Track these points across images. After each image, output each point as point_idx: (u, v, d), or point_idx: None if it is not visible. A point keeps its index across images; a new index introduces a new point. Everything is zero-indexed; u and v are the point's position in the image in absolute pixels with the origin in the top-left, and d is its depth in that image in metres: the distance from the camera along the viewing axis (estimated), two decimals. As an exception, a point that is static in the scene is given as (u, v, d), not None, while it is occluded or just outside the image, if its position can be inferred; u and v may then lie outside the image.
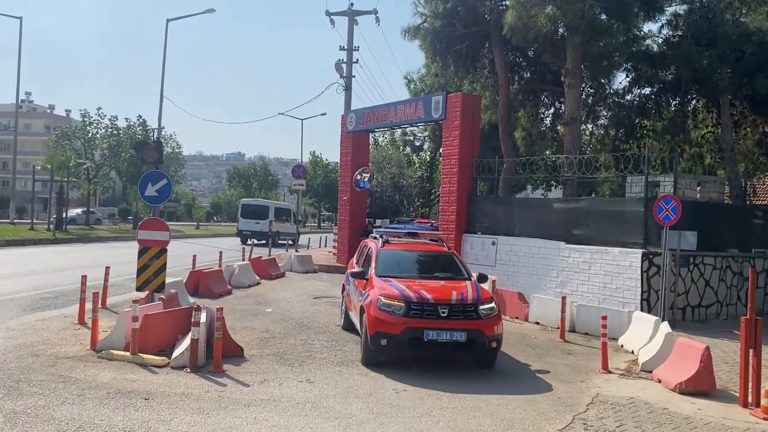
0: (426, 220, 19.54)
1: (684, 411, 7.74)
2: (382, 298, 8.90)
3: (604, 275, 14.40)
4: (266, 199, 49.95)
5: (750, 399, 7.90)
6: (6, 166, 76.23)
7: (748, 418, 7.57)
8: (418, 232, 11.80)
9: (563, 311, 12.37)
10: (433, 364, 9.23)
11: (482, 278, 10.42)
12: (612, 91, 22.34)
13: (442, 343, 8.65)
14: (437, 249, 11.19)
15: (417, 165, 40.50)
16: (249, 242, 32.29)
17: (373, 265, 10.14)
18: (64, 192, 38.49)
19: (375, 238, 11.41)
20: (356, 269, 10.57)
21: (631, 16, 17.46)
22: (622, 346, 11.60)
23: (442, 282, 9.65)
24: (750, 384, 7.91)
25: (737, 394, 8.20)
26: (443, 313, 8.73)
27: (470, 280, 9.91)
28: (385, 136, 42.76)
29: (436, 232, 12.63)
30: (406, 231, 11.77)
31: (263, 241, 32.26)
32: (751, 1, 18.78)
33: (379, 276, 9.68)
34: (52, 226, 34.80)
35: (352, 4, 30.18)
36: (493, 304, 9.10)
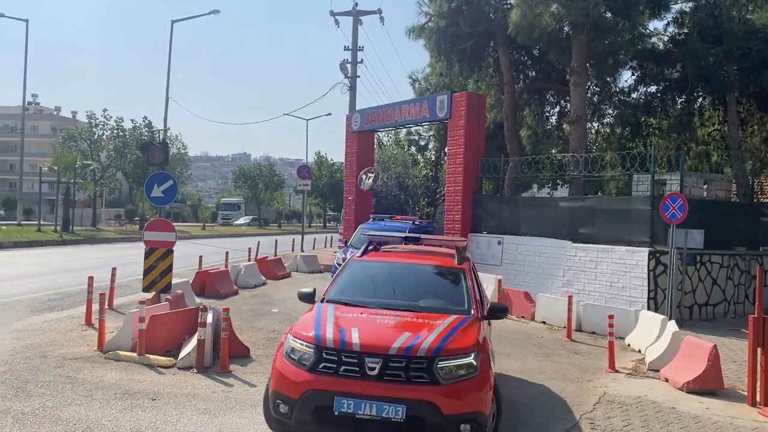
0: (411, 217, 19.20)
1: (692, 410, 7.71)
2: (290, 338, 5.92)
3: (610, 274, 14.36)
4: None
5: (758, 398, 7.87)
6: (13, 168, 76.59)
7: (757, 417, 7.54)
8: (421, 236, 8.54)
9: (570, 310, 12.34)
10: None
11: (496, 312, 6.86)
12: (618, 90, 22.27)
13: (365, 421, 5.38)
14: (441, 263, 7.57)
15: (422, 164, 40.46)
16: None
17: (329, 283, 7.25)
18: (71, 193, 38.68)
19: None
20: (304, 289, 7.10)
21: (637, 14, 17.40)
22: (629, 345, 11.56)
23: (407, 315, 6.29)
24: (758, 383, 7.87)
25: (745, 393, 8.17)
26: (372, 369, 5.47)
27: (467, 314, 6.48)
28: (390, 136, 42.75)
29: (455, 238, 9.47)
30: (405, 234, 8.58)
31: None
32: (757, -3, 18.72)
33: (329, 301, 6.69)
34: (58, 226, 34.91)
35: (356, 5, 30.21)
36: (469, 359, 5.63)
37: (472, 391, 5.56)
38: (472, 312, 6.56)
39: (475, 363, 5.65)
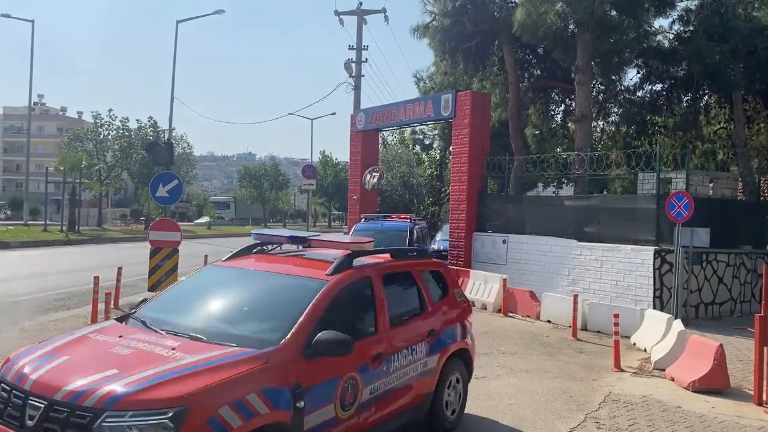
0: (407, 215, 19.07)
1: (697, 409, 7.69)
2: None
3: (616, 273, 14.33)
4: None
5: (764, 397, 7.84)
6: (19, 168, 76.93)
7: (762, 416, 7.51)
8: (309, 237, 6.41)
9: (575, 309, 12.31)
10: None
11: (327, 346, 4.72)
12: (623, 88, 22.23)
13: None
14: (304, 273, 5.65)
15: (427, 164, 40.46)
16: None
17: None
18: (77, 193, 38.84)
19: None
20: (138, 298, 5.76)
21: (642, 11, 17.37)
22: (634, 344, 11.54)
23: (176, 344, 4.59)
24: (764, 382, 7.84)
25: (751, 392, 8.13)
26: (32, 418, 4.05)
27: (261, 347, 4.55)
28: (394, 135, 42.76)
29: (353, 240, 7.70)
30: (290, 234, 6.50)
31: None
32: (763, -5, 18.67)
33: (142, 320, 5.16)
34: (64, 226, 35.05)
35: (360, 4, 30.18)
36: (162, 419, 3.85)
37: None
38: (282, 343, 4.65)
39: (171, 425, 3.81)
